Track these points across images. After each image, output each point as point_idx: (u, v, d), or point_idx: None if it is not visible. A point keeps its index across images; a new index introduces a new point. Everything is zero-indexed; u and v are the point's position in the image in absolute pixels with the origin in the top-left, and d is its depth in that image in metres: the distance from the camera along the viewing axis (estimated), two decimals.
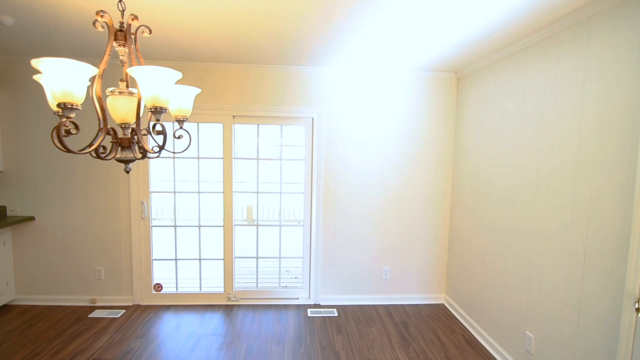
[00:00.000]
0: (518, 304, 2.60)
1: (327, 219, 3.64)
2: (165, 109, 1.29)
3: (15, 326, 3.10)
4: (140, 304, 3.57)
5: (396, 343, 2.99)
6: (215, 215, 4.06)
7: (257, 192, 3.67)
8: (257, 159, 3.64)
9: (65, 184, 3.45)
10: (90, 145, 1.38)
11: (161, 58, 3.27)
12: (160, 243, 3.74)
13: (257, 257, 3.76)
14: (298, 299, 3.72)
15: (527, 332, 2.49)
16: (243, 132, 3.68)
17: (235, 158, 3.52)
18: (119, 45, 1.38)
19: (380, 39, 2.65)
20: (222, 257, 3.62)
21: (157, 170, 3.60)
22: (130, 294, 3.56)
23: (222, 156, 3.48)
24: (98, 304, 3.54)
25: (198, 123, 3.51)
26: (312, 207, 3.63)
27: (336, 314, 3.48)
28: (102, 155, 1.33)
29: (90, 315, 3.32)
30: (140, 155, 1.38)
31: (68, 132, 1.20)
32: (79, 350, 2.76)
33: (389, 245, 3.71)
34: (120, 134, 1.44)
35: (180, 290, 3.67)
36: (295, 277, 4.41)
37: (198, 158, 3.54)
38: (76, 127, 1.25)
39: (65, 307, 3.47)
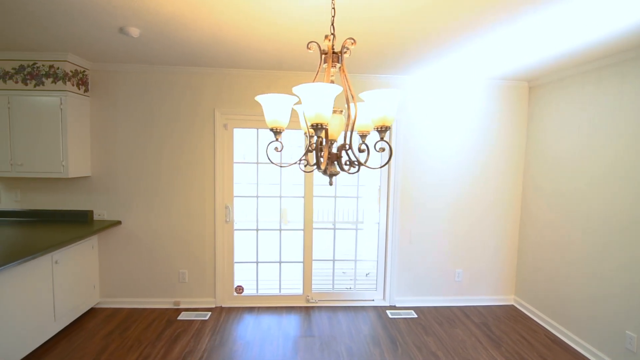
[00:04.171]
0: (614, 303, 2.71)
1: (404, 221, 3.73)
2: (390, 127, 1.37)
3: (111, 329, 3.16)
4: (223, 306, 3.65)
5: (486, 343, 3.10)
6: (291, 217, 4.13)
7: (335, 197, 3.76)
8: None
9: (150, 188, 3.51)
10: (302, 160, 1.46)
11: (255, 67, 3.33)
12: (238, 245, 3.79)
13: (333, 260, 3.85)
14: (373, 300, 3.81)
15: (627, 331, 2.61)
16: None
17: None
18: (332, 66, 1.46)
19: (470, 56, 2.85)
20: (302, 260, 3.70)
21: (239, 174, 3.66)
22: (213, 296, 3.63)
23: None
24: (181, 306, 3.60)
25: None
26: (389, 210, 3.72)
27: (415, 315, 3.58)
28: (320, 170, 1.41)
29: (179, 318, 3.38)
30: (354, 169, 1.45)
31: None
32: (186, 353, 2.83)
33: (462, 247, 3.82)
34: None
35: (259, 292, 3.75)
36: (351, 279, 4.49)
37: (280, 165, 3.61)
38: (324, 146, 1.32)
39: (151, 310, 3.53)
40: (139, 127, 3.47)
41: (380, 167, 1.39)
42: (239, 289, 3.68)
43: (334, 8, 1.44)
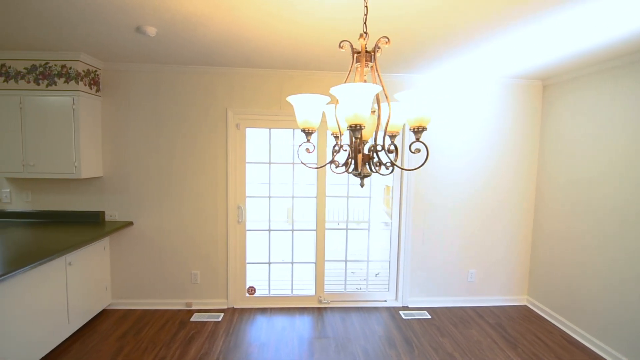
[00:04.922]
0: (633, 302, 2.69)
1: (416, 221, 3.71)
2: (426, 128, 1.35)
3: (124, 330, 3.13)
4: (235, 307, 3.62)
5: (502, 344, 3.08)
6: (299, 217, 4.11)
7: (348, 197, 3.73)
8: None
9: (162, 189, 3.48)
10: (333, 161, 1.44)
11: (269, 66, 3.30)
12: (250, 245, 3.76)
13: (345, 260, 3.82)
14: (386, 301, 3.79)
15: None
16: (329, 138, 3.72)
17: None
18: (365, 65, 1.43)
19: (486, 56, 2.85)
20: (314, 260, 3.68)
21: (250, 174, 3.63)
22: (225, 297, 3.60)
23: (316, 162, 3.54)
24: (193, 307, 3.58)
25: (293, 130, 3.56)
26: (401, 209, 3.70)
27: (429, 316, 3.56)
28: (353, 172, 1.39)
29: (192, 319, 3.36)
30: (388, 170, 1.43)
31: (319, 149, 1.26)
32: (201, 355, 2.80)
33: (475, 247, 3.80)
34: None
35: (271, 293, 3.72)
36: (361, 280, 4.47)
37: (293, 164, 3.59)
38: (348, 147, 1.30)
39: (163, 311, 3.51)
40: (150, 127, 3.44)
41: (416, 168, 1.36)
42: (251, 290, 3.66)
43: (366, 6, 1.42)
